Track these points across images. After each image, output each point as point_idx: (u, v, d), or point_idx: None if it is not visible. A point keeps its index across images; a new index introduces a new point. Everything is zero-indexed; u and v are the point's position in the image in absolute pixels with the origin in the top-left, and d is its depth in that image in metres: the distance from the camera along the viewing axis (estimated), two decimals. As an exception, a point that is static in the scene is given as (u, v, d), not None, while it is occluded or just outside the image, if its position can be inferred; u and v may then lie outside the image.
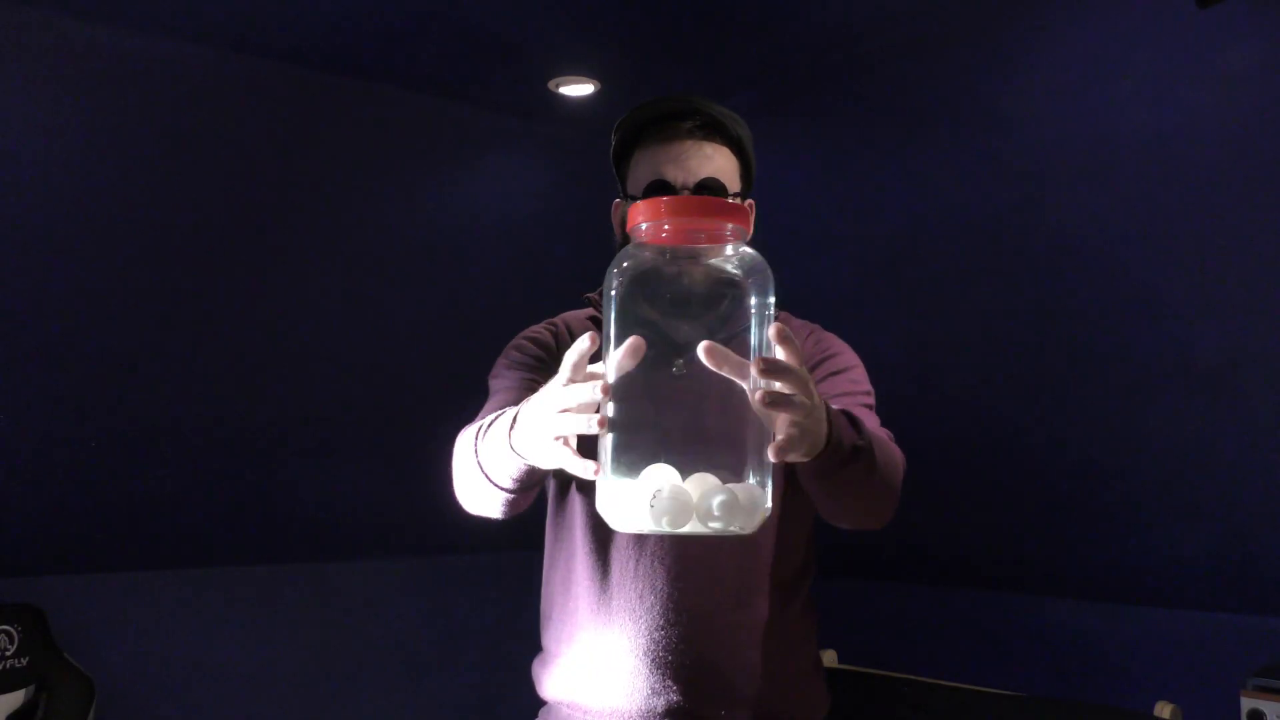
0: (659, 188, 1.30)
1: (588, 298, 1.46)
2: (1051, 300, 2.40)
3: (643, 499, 0.82)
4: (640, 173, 1.33)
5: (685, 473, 0.84)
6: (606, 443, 0.85)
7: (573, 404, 0.88)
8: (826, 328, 1.48)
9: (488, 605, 3.42)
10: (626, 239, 1.36)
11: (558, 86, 2.52)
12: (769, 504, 0.86)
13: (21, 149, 2.16)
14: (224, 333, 2.60)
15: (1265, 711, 2.23)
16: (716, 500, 0.82)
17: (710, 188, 1.30)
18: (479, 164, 2.80)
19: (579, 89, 2.53)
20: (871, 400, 1.35)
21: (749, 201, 1.40)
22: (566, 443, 0.92)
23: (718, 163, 1.32)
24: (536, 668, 1.41)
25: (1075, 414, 2.53)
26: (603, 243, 1.64)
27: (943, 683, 2.73)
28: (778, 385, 0.84)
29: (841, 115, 2.50)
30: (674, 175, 1.30)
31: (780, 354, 0.85)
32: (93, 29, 2.09)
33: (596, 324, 1.40)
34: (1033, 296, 2.43)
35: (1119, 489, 2.56)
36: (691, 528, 0.83)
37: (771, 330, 0.85)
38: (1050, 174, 2.23)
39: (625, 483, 0.84)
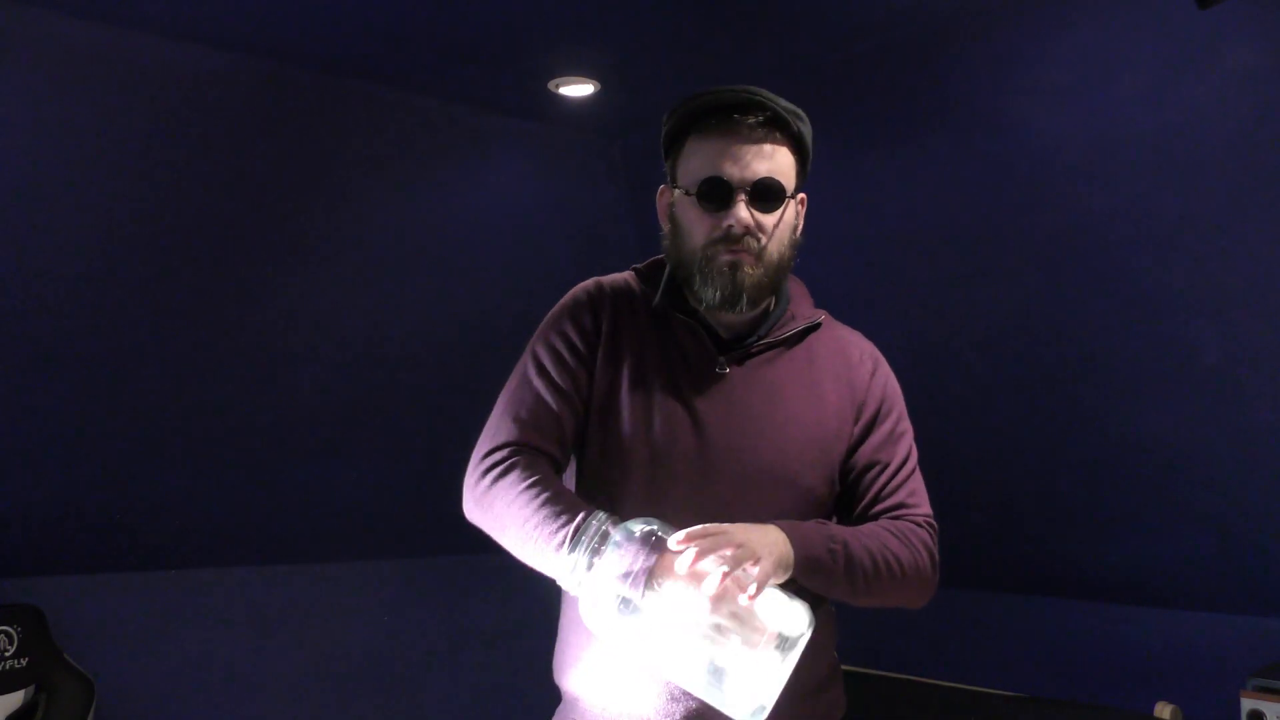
0: (714, 184, 1.30)
1: (634, 269, 1.46)
2: (1051, 300, 2.40)
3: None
4: (695, 164, 1.33)
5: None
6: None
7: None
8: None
9: (488, 606, 3.42)
10: (675, 228, 1.36)
11: (558, 86, 2.52)
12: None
13: (21, 148, 2.16)
14: (224, 333, 2.60)
15: (1265, 712, 2.23)
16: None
17: (769, 187, 1.30)
18: (479, 164, 2.79)
19: (579, 89, 2.53)
20: (913, 457, 1.43)
21: (800, 196, 1.40)
22: None
23: (776, 161, 1.32)
24: (557, 659, 1.40)
25: (1075, 414, 2.53)
26: (602, 241, 1.65)
27: (943, 683, 2.73)
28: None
29: (842, 115, 2.50)
30: (731, 173, 1.30)
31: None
32: (93, 29, 2.09)
33: (634, 293, 1.41)
34: (1033, 297, 2.43)
35: (1119, 489, 2.56)
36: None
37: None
38: (1050, 174, 2.23)
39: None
